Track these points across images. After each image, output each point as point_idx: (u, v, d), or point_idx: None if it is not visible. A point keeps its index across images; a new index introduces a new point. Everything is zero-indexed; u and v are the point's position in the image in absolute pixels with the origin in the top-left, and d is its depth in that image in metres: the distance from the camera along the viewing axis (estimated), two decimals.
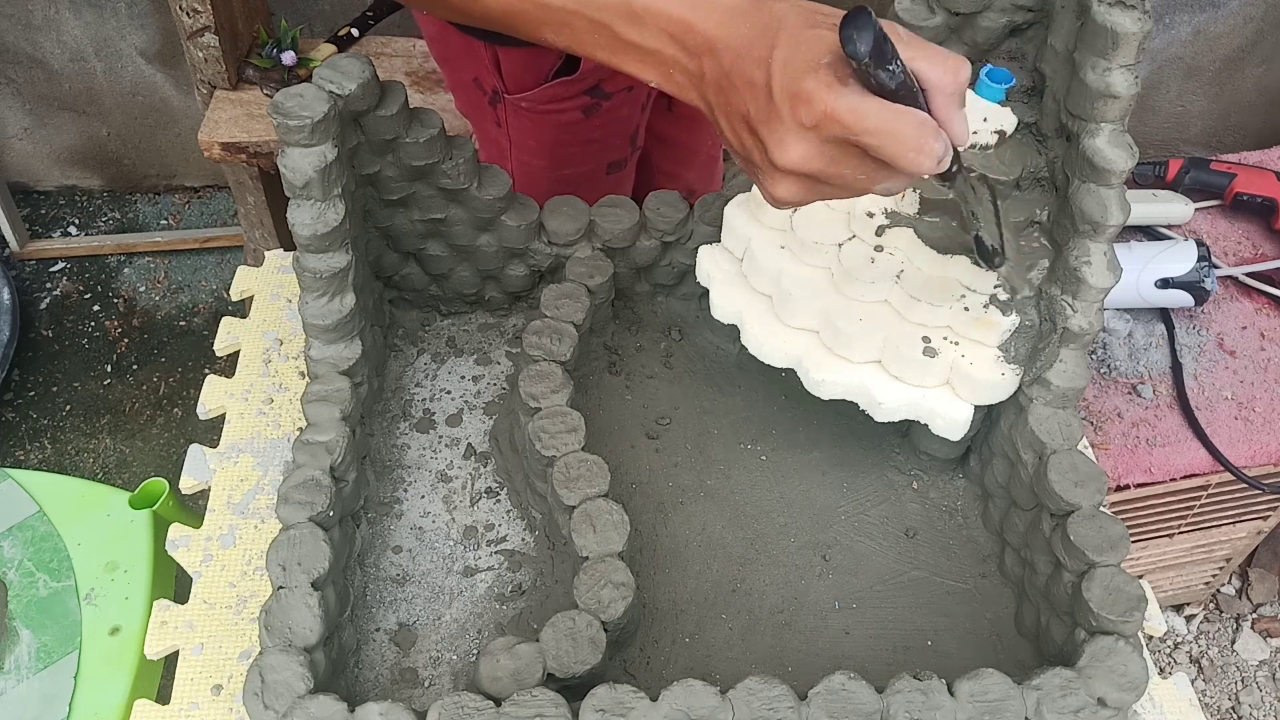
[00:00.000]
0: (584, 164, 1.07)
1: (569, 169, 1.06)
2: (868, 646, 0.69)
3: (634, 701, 0.55)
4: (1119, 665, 0.58)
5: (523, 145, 1.05)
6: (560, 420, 0.68)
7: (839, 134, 0.49)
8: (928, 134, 0.49)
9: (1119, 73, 0.61)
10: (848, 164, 0.51)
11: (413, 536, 0.74)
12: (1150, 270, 1.20)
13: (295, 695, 0.55)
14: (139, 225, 2.13)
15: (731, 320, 0.75)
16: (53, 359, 1.92)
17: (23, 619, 0.97)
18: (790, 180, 0.52)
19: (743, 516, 0.75)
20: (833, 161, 0.50)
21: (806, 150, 0.50)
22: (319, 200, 0.66)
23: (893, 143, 0.48)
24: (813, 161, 0.50)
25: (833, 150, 0.50)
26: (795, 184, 0.53)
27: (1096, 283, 0.64)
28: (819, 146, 0.50)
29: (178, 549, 0.75)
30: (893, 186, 0.53)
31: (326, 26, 1.78)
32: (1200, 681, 1.66)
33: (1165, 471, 1.19)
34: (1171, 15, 1.90)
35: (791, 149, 0.50)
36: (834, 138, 0.49)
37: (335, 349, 0.70)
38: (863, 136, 0.48)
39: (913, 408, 0.69)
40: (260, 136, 1.52)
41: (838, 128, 0.48)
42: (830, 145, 0.50)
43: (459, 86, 1.07)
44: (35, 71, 1.93)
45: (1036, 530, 0.68)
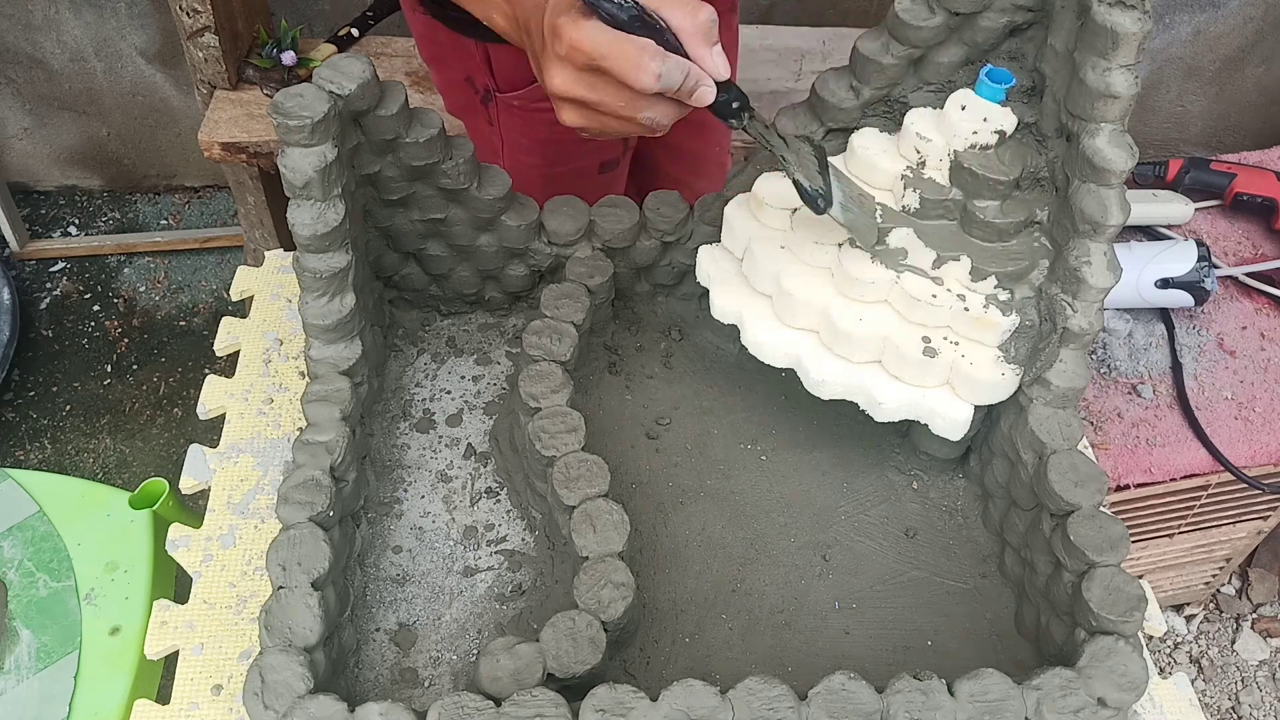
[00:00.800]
0: (576, 162, 1.07)
1: (561, 167, 1.06)
2: (868, 646, 0.69)
3: (634, 701, 0.55)
4: (1119, 665, 0.58)
5: (515, 144, 1.05)
6: (560, 420, 0.68)
7: (584, 62, 0.57)
8: (647, 55, 0.57)
9: (1119, 73, 0.61)
10: (605, 90, 0.59)
11: (413, 536, 0.74)
12: (1150, 270, 1.20)
13: (295, 695, 0.55)
14: (139, 225, 2.13)
15: (731, 320, 0.75)
16: (53, 359, 1.92)
17: (23, 619, 0.97)
18: (567, 106, 0.61)
19: (743, 516, 0.75)
20: (591, 88, 0.59)
21: (565, 76, 0.59)
22: (319, 200, 0.66)
23: (620, 63, 0.57)
24: (575, 87, 0.59)
25: (588, 77, 0.59)
26: (572, 109, 0.61)
27: (1096, 283, 0.64)
28: (575, 73, 0.59)
29: (178, 549, 0.75)
30: (655, 115, 0.60)
31: (326, 26, 1.78)
32: (1200, 681, 1.67)
33: (1165, 471, 1.19)
34: (1171, 15, 1.90)
35: (555, 76, 0.59)
36: (584, 65, 0.58)
37: (335, 349, 0.70)
38: (599, 61, 0.57)
39: (913, 408, 0.69)
40: (260, 136, 1.52)
41: (581, 55, 0.57)
42: (584, 73, 0.58)
43: (449, 87, 1.06)
44: (35, 71, 1.93)
45: (1036, 530, 0.68)
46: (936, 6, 0.67)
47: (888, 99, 0.72)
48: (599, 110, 0.60)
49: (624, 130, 0.62)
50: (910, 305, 0.68)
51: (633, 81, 0.57)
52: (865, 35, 0.70)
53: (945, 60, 0.70)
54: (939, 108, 0.69)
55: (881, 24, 0.70)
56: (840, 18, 1.83)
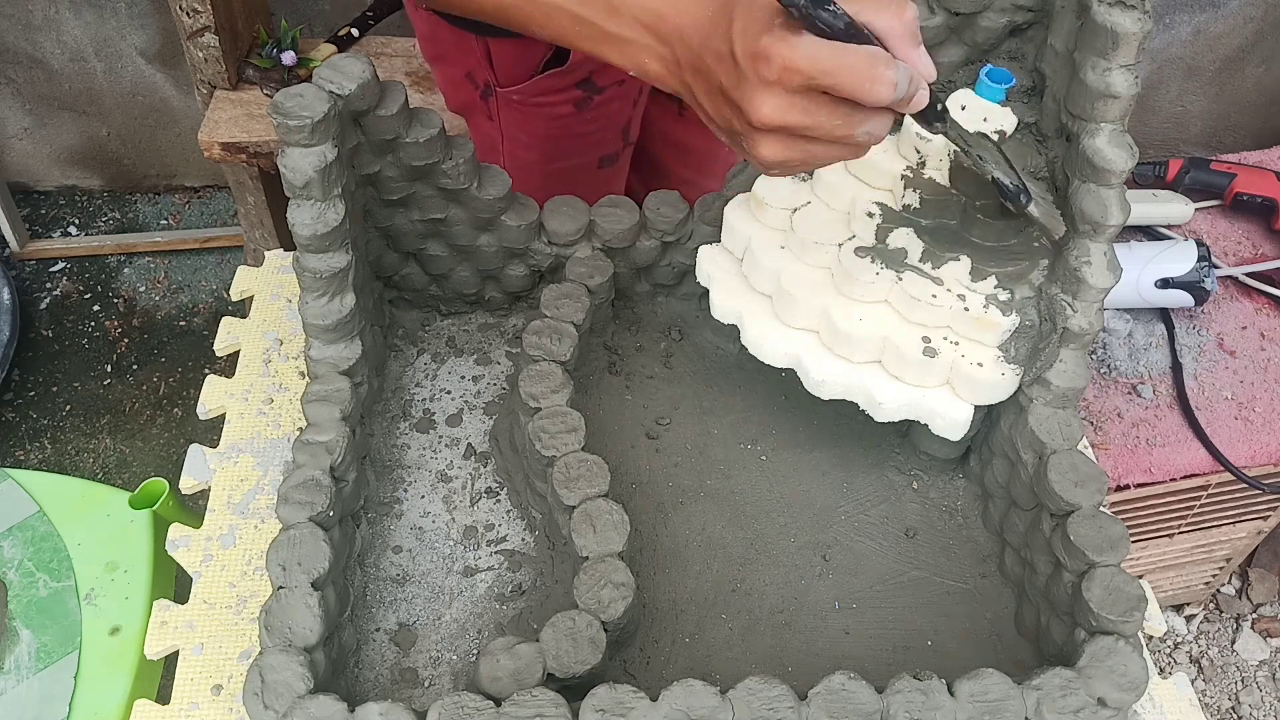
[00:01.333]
0: (576, 157, 1.07)
1: (561, 162, 1.06)
2: (868, 646, 0.69)
3: (634, 701, 0.55)
4: (1119, 665, 0.58)
5: (515, 139, 1.05)
6: (560, 420, 0.68)
7: (801, 82, 0.52)
8: (880, 63, 0.51)
9: (1119, 73, 0.61)
10: (820, 112, 0.53)
11: (413, 536, 0.74)
12: (1150, 270, 1.20)
13: (295, 695, 0.55)
14: (139, 225, 2.13)
15: (731, 320, 0.75)
16: (53, 359, 1.92)
17: (23, 619, 0.97)
18: (771, 139, 0.55)
19: (743, 516, 0.75)
20: (805, 111, 0.53)
21: (776, 103, 0.53)
22: (319, 200, 0.66)
23: (849, 77, 0.51)
24: (786, 114, 0.53)
25: (802, 101, 0.53)
26: (777, 142, 0.55)
27: (1096, 283, 0.64)
28: (787, 98, 0.53)
29: (178, 549, 0.75)
30: (873, 129, 0.55)
31: (326, 26, 1.78)
32: (1200, 681, 1.67)
33: (1165, 471, 1.19)
34: (1171, 15, 1.90)
35: (763, 105, 0.53)
36: (798, 87, 0.52)
37: (335, 349, 0.70)
38: (821, 79, 0.51)
39: (913, 408, 0.69)
40: (260, 136, 1.52)
41: (798, 76, 0.51)
42: (798, 95, 0.53)
43: (450, 84, 1.07)
44: (35, 71, 1.93)
45: (1036, 530, 0.68)
46: (936, 6, 0.67)
47: None
48: (811, 136, 0.55)
49: (829, 158, 0.57)
50: (910, 305, 0.68)
51: (866, 95, 0.52)
52: None
53: (945, 60, 0.70)
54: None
55: None
56: None
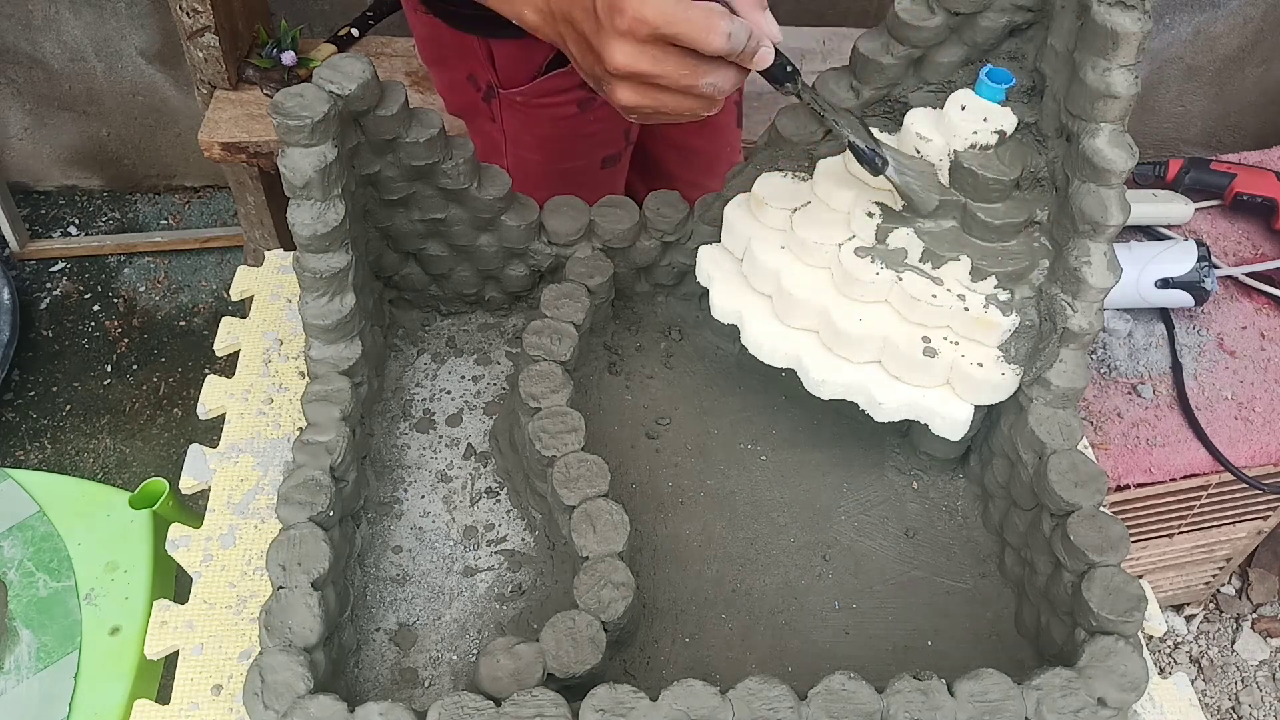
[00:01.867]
0: (579, 158, 1.07)
1: (564, 163, 1.06)
2: (868, 646, 0.69)
3: (634, 701, 0.55)
4: (1119, 665, 0.58)
5: (518, 140, 1.05)
6: (560, 420, 0.68)
7: (649, 32, 0.57)
8: (715, 15, 0.57)
9: (1119, 73, 0.61)
10: (667, 61, 0.58)
11: (413, 536, 0.74)
12: (1150, 270, 1.20)
13: (295, 695, 0.55)
14: (139, 225, 2.13)
15: (731, 320, 0.75)
16: (53, 359, 1.92)
17: (23, 619, 0.97)
18: (625, 85, 0.60)
19: (743, 516, 0.75)
20: (654, 60, 0.58)
21: (628, 51, 0.58)
22: (319, 200, 0.66)
23: (688, 28, 0.57)
24: (637, 61, 0.58)
25: (650, 49, 0.58)
26: (630, 88, 0.60)
27: (1096, 283, 0.64)
28: (637, 46, 0.58)
29: (178, 549, 0.75)
30: (717, 81, 0.60)
31: (326, 26, 1.78)
32: (1200, 681, 1.67)
33: (1165, 471, 1.19)
34: (1171, 15, 1.90)
35: (616, 52, 0.58)
36: (647, 37, 0.57)
37: (335, 349, 0.70)
38: (665, 29, 0.57)
39: (913, 408, 0.69)
40: (260, 136, 1.52)
41: (645, 26, 0.57)
42: (647, 45, 0.58)
43: (451, 87, 1.07)
44: (35, 71, 1.93)
45: (1036, 530, 0.68)
46: (936, 6, 0.67)
47: (888, 99, 0.72)
48: (659, 84, 0.60)
49: (680, 106, 0.62)
50: (910, 305, 0.68)
51: (703, 44, 0.57)
52: (865, 35, 0.70)
53: (945, 60, 0.70)
54: (939, 108, 0.69)
55: (881, 24, 0.70)
56: (840, 18, 1.83)
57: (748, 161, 0.78)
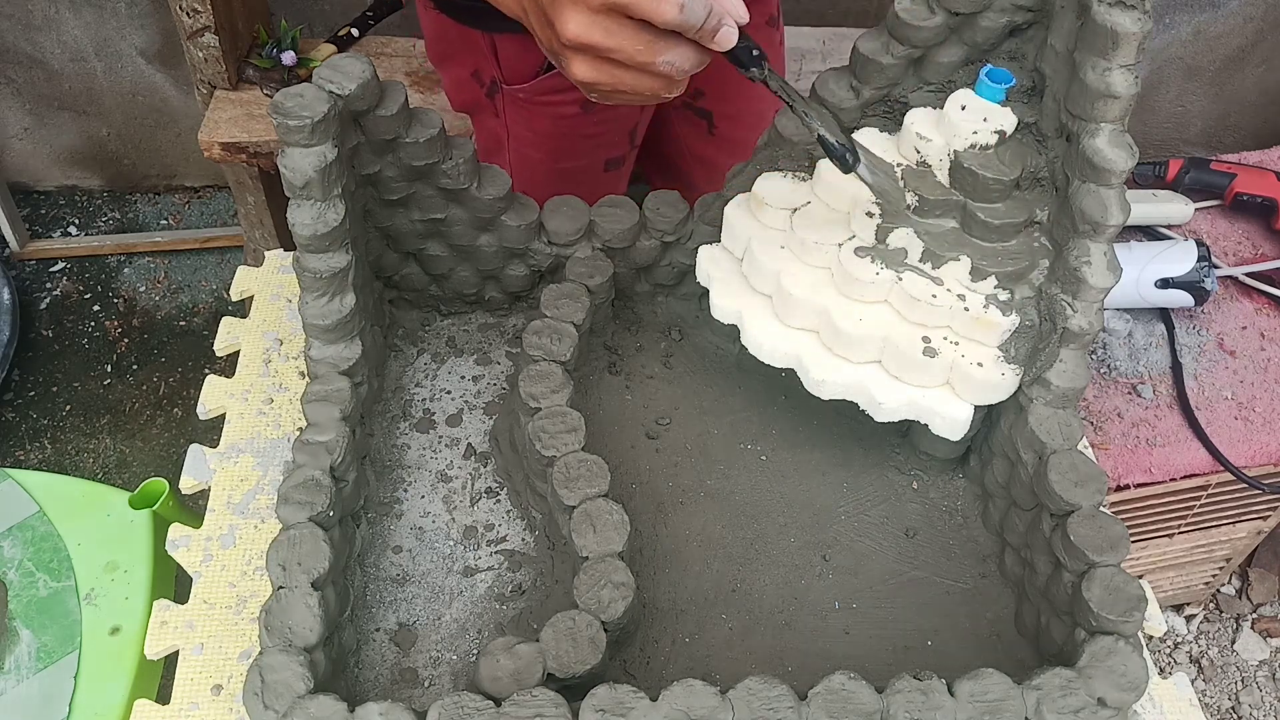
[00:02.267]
0: (581, 158, 1.07)
1: (566, 163, 1.06)
2: (868, 646, 0.69)
3: (634, 701, 0.55)
4: (1119, 665, 0.58)
5: (520, 137, 1.05)
6: (560, 420, 0.68)
7: (601, 2, 0.55)
8: None
9: (1119, 73, 0.61)
10: (621, 34, 0.57)
11: (413, 536, 0.74)
12: (1150, 270, 1.20)
13: (295, 695, 0.55)
14: (139, 225, 2.13)
15: (731, 320, 0.75)
16: (53, 359, 1.92)
17: (23, 619, 0.97)
18: (580, 58, 0.59)
19: (743, 516, 0.75)
20: (607, 32, 0.57)
21: (581, 20, 0.56)
22: (319, 200, 0.66)
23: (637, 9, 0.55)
24: (590, 32, 0.57)
25: (604, 20, 0.56)
26: (585, 62, 0.59)
27: (1096, 283, 0.64)
28: (590, 17, 0.56)
29: (178, 549, 0.75)
30: (674, 59, 0.58)
31: (326, 26, 1.78)
32: (1200, 681, 1.67)
33: (1165, 471, 1.19)
34: (1171, 15, 1.90)
35: (569, 22, 0.57)
36: (599, 6, 0.56)
37: (335, 349, 0.70)
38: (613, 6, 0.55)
39: (913, 408, 0.69)
40: (260, 136, 1.52)
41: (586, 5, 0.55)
42: (601, 16, 0.56)
43: (456, 84, 1.07)
44: (35, 71, 1.93)
45: (1036, 530, 0.68)
46: (936, 6, 0.67)
47: (888, 99, 0.72)
48: (615, 59, 0.58)
49: (638, 85, 0.60)
50: (910, 305, 0.68)
51: (654, 14, 0.55)
52: (865, 35, 0.70)
53: (945, 60, 0.70)
54: (939, 108, 0.69)
55: (881, 24, 0.70)
56: (840, 18, 1.83)
57: (748, 161, 0.78)
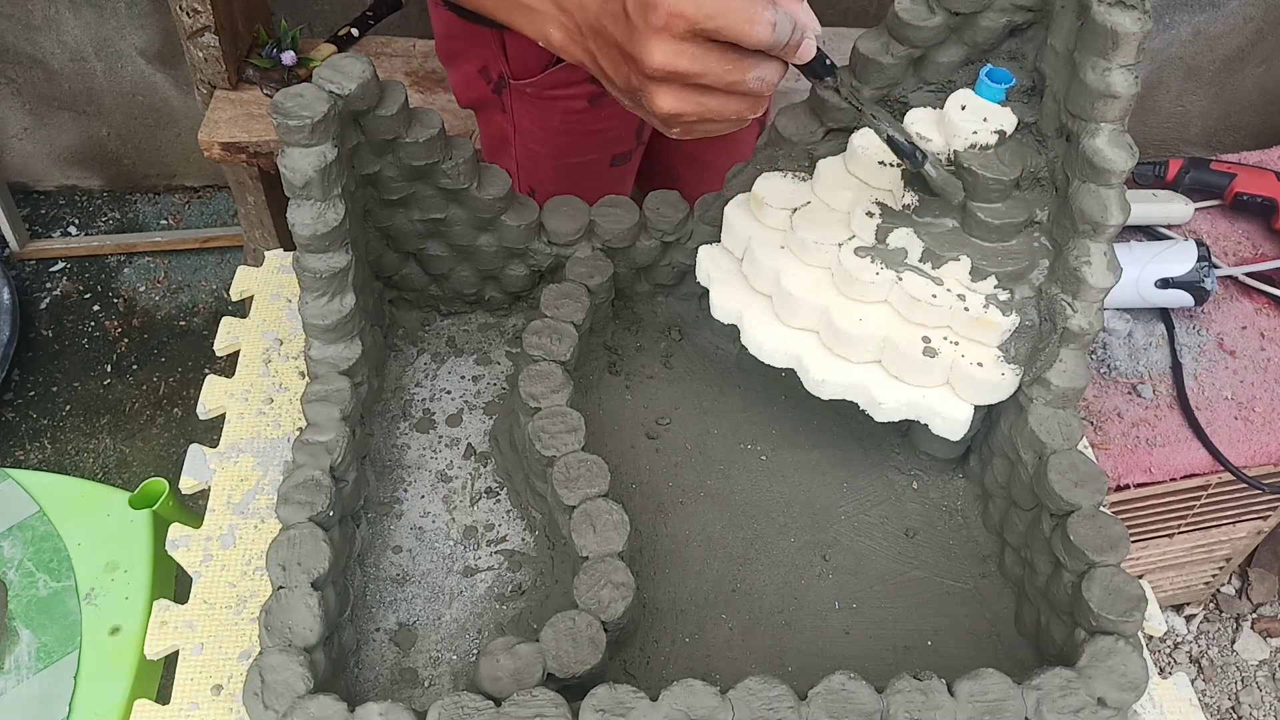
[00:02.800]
0: (588, 154, 1.07)
1: (573, 158, 1.06)
2: (868, 646, 0.69)
3: (634, 701, 0.55)
4: (1119, 665, 0.58)
5: (527, 132, 1.05)
6: (560, 420, 0.68)
7: (687, 27, 0.54)
8: (757, 5, 0.54)
9: (1119, 73, 0.61)
10: (709, 58, 0.55)
11: (413, 536, 0.74)
12: (1150, 270, 1.20)
13: (295, 695, 0.55)
14: (139, 225, 2.13)
15: (731, 320, 0.75)
16: (53, 359, 1.92)
17: (23, 619, 0.97)
18: (666, 89, 0.57)
19: (743, 516, 0.75)
20: (694, 58, 0.55)
21: (666, 49, 0.55)
22: (319, 200, 0.66)
23: (730, 19, 0.54)
24: (676, 60, 0.55)
25: (690, 47, 0.55)
26: (671, 92, 0.57)
27: (1096, 283, 0.64)
28: (676, 45, 0.55)
29: (178, 549, 0.75)
30: (764, 74, 0.57)
31: (326, 26, 1.78)
32: (1200, 681, 1.67)
33: (1165, 471, 1.19)
34: (1171, 15, 1.90)
35: (654, 52, 0.55)
36: (685, 33, 0.54)
37: (335, 349, 0.70)
38: (705, 23, 0.54)
39: (913, 408, 0.69)
40: (260, 136, 1.52)
41: (683, 21, 0.54)
42: (686, 42, 0.55)
43: (464, 81, 1.07)
44: (35, 71, 1.93)
45: (1036, 530, 0.68)
46: (936, 6, 0.67)
47: (888, 99, 0.72)
48: (702, 84, 0.57)
49: (725, 109, 0.59)
50: (910, 305, 0.68)
51: (746, 36, 0.54)
52: (865, 35, 0.70)
53: (945, 60, 0.70)
54: (939, 108, 0.69)
55: (881, 24, 0.70)
56: (840, 18, 1.83)
57: (748, 162, 0.78)
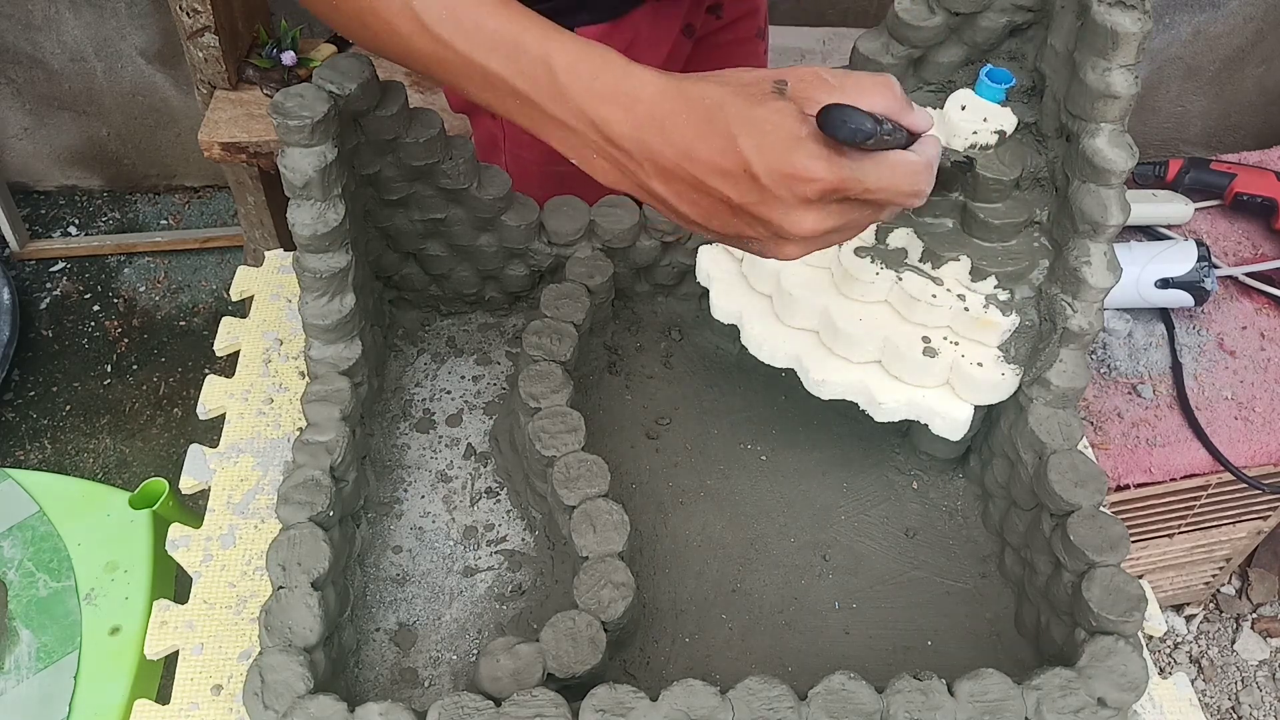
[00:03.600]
0: None
1: (563, 165, 1.06)
2: (868, 646, 0.69)
3: (634, 701, 0.55)
4: (1119, 665, 0.58)
5: (516, 139, 1.05)
6: (560, 420, 0.68)
7: (841, 197, 0.53)
8: (920, 178, 0.54)
9: (1119, 73, 0.61)
10: (854, 212, 0.55)
11: (413, 536, 0.74)
12: (1150, 270, 1.20)
13: (295, 695, 0.55)
14: (139, 225, 2.13)
15: (731, 320, 0.75)
16: (53, 359, 1.92)
17: (23, 619, 0.97)
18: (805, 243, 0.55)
19: (743, 516, 0.75)
20: (841, 215, 0.54)
21: (817, 217, 0.53)
22: (319, 200, 0.66)
23: (892, 194, 0.53)
24: (825, 223, 0.54)
25: (838, 208, 0.54)
26: (809, 245, 0.55)
27: (1096, 283, 0.64)
28: (825, 210, 0.53)
29: (178, 549, 0.75)
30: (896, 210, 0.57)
31: (326, 27, 1.78)
32: (1200, 681, 1.66)
33: (1165, 471, 1.19)
34: (1171, 15, 1.90)
35: (804, 221, 0.53)
36: (837, 199, 0.53)
37: (335, 349, 0.70)
38: (864, 196, 0.53)
39: (913, 408, 0.69)
40: (260, 136, 1.52)
41: (839, 194, 0.52)
42: (835, 204, 0.53)
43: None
44: (35, 71, 1.93)
45: (1036, 530, 0.68)
46: (936, 6, 0.67)
47: None
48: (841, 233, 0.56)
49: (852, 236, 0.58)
50: (910, 305, 0.68)
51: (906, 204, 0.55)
52: (865, 35, 0.70)
53: (945, 60, 0.70)
54: (939, 108, 0.69)
55: (881, 24, 0.70)
56: (840, 18, 1.83)
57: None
